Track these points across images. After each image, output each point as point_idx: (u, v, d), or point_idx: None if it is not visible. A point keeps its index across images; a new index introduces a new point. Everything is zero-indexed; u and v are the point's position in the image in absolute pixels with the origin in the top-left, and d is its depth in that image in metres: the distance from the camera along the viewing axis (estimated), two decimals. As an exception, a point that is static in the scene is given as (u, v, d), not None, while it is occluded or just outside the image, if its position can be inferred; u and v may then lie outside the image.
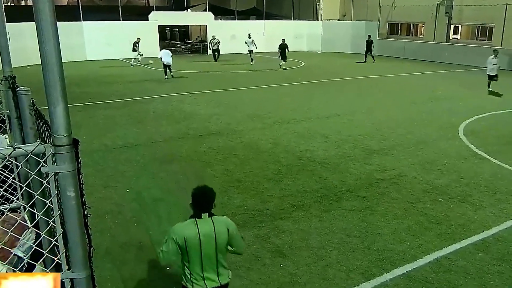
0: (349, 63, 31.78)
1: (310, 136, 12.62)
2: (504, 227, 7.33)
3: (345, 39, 39.15)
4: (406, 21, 39.52)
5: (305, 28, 40.20)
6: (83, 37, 31.59)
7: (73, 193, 1.95)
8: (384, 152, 11.25)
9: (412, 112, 15.94)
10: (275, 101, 17.53)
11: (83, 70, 26.21)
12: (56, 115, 1.88)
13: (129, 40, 32.34)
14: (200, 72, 26.08)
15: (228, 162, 10.37)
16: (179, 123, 14.04)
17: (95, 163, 10.18)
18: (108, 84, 21.44)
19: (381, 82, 23.17)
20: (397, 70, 28.01)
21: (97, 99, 17.62)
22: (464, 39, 35.50)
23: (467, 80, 24.11)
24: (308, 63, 30.69)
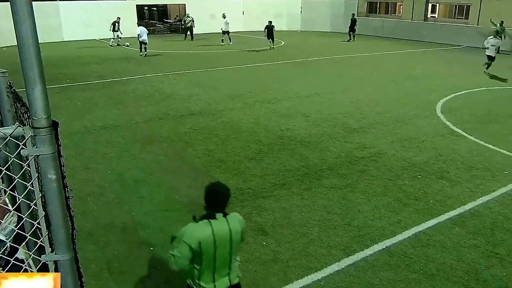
0: (328, 42, 31.75)
1: (290, 115, 12.64)
2: (480, 202, 7.50)
3: (325, 18, 39.05)
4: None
5: (285, 7, 39.91)
6: (60, 17, 30.89)
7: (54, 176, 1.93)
8: (363, 130, 11.34)
9: (391, 90, 16.06)
10: (255, 81, 17.47)
11: (60, 51, 25.71)
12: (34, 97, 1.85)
13: (106, 20, 31.77)
14: (180, 52, 25.79)
15: (209, 142, 10.35)
16: (159, 103, 13.91)
17: (75, 145, 10.07)
18: (86, 65, 21.08)
19: (360, 61, 23.23)
20: (375, 48, 28.07)
21: (75, 81, 17.32)
22: (442, 17, 35.73)
23: (445, 58, 24.33)
24: (288, 42, 30.56)
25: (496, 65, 19.53)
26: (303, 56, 24.05)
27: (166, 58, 23.58)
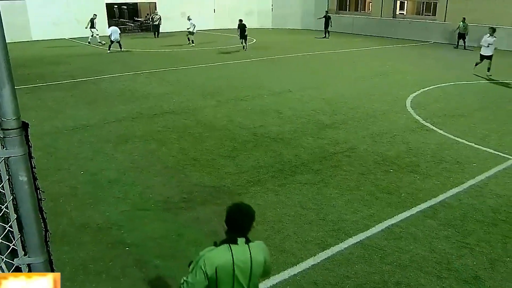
0: (300, 39, 31.90)
1: (263, 112, 12.66)
2: (450, 194, 7.66)
3: (296, 15, 39.21)
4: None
5: (256, 4, 39.87)
6: (28, 16, 30.09)
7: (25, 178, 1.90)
8: (335, 126, 11.45)
9: (362, 86, 16.24)
10: (228, 79, 17.44)
11: (29, 51, 25.15)
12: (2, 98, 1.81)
13: (76, 19, 31.27)
14: (151, 51, 25.54)
15: (183, 141, 10.29)
16: (132, 102, 13.75)
17: (46, 146, 9.87)
18: (56, 65, 20.66)
19: (332, 58, 23.42)
20: (346, 45, 28.34)
21: (45, 81, 16.96)
22: (410, 14, 36.30)
23: (413, 54, 24.73)
24: (259, 40, 30.58)
25: (463, 60, 19.96)
26: (275, 54, 24.10)
27: (137, 57, 23.32)
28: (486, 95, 15.17)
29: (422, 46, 28.66)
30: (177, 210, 7.06)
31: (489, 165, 8.95)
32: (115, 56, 23.37)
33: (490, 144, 10.19)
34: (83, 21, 31.26)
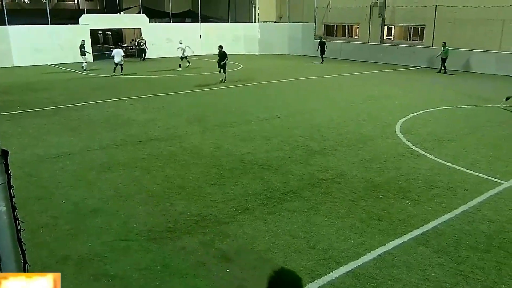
0: (287, 65, 32.25)
1: (251, 138, 12.68)
2: (442, 220, 7.67)
3: (282, 41, 39.74)
4: (342, 22, 40.60)
5: (242, 30, 40.39)
6: (9, 42, 30.11)
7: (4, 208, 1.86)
8: (325, 152, 11.49)
9: (351, 112, 16.38)
10: (214, 105, 17.49)
11: (10, 77, 25.08)
12: (-18, 124, 1.79)
13: (59, 45, 31.33)
14: (135, 77, 25.61)
15: (168, 168, 10.23)
16: (116, 129, 13.70)
17: (27, 174, 9.75)
18: (38, 91, 20.59)
19: (320, 83, 23.66)
20: (334, 71, 28.70)
21: (26, 107, 16.87)
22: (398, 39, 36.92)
23: (401, 79, 25.10)
24: (246, 66, 30.86)
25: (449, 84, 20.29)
26: (262, 79, 24.30)
27: (122, 83, 23.34)
28: (475, 119, 15.38)
29: (410, 71, 29.13)
30: (162, 240, 6.97)
31: (481, 190, 9.00)
32: (98, 82, 23.38)
33: (481, 168, 10.28)
34: (67, 47, 31.41)
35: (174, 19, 39.06)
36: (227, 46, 34.97)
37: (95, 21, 34.49)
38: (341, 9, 38.57)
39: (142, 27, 35.84)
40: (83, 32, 32.50)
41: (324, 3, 39.85)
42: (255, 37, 40.43)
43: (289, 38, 39.53)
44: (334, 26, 41.48)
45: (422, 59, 31.00)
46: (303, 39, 38.81)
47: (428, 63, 30.26)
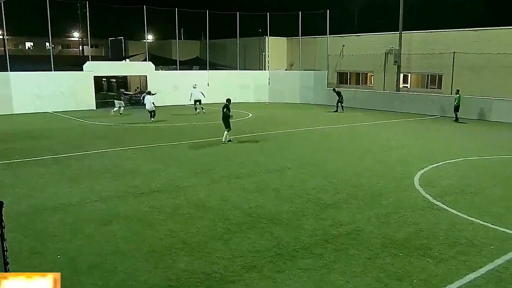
0: (299, 114, 32.53)
1: (260, 191, 12.64)
2: (467, 280, 7.49)
3: (294, 89, 40.24)
4: (355, 70, 41.30)
5: (251, 78, 41.06)
6: (10, 88, 30.81)
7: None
8: (338, 205, 11.39)
9: (366, 162, 16.35)
10: (221, 155, 17.56)
11: (9, 125, 25.48)
12: (-23, 172, 1.80)
13: (61, 92, 32.00)
14: (139, 126, 25.89)
15: (172, 222, 10.17)
16: (117, 180, 13.74)
17: (21, 227, 9.72)
18: (37, 139, 20.85)
19: (332, 133, 23.78)
20: (348, 120, 28.87)
21: (24, 156, 17.04)
22: (414, 87, 37.33)
23: (419, 129, 25.16)
24: (255, 115, 31.16)
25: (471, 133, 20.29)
26: (271, 129, 24.47)
27: (125, 131, 23.62)
28: (500, 170, 15.28)
29: (428, 120, 29.24)
30: (163, 299, 6.84)
31: (508, 247, 8.82)
32: (101, 130, 23.67)
33: (509, 223, 10.11)
34: (69, 95, 32.08)
35: (181, 67, 39.90)
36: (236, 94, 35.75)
37: (100, 68, 35.31)
38: (355, 56, 39.29)
39: (148, 75, 36.58)
40: (87, 79, 33.25)
41: (337, 51, 40.65)
42: (265, 85, 41.02)
43: (300, 86, 40.07)
44: (347, 74, 42.16)
45: (440, 108, 31.15)
46: (315, 87, 39.32)
47: (446, 112, 30.35)
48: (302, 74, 40.75)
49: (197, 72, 40.89)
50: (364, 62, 38.99)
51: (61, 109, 31.62)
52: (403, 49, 35.85)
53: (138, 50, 45.38)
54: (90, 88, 33.67)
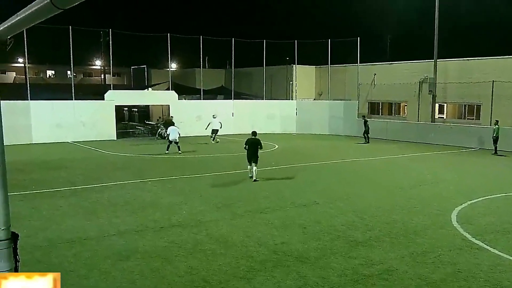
0: (327, 145, 32.48)
1: (285, 227, 12.56)
2: (509, 328, 7.26)
3: (322, 120, 40.26)
4: (387, 100, 41.14)
5: (278, 108, 41.25)
6: (30, 117, 31.55)
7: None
8: (369, 243, 11.24)
9: (399, 198, 16.16)
10: (246, 189, 17.56)
11: (27, 154, 25.98)
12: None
13: (81, 121, 32.66)
14: (161, 157, 26.13)
15: (192, 258, 10.15)
16: (137, 213, 13.83)
17: (36, 261, 9.82)
18: (55, 170, 21.21)
19: (363, 166, 23.61)
20: (379, 152, 28.68)
21: (42, 187, 17.32)
22: (451, 118, 36.95)
23: (457, 162, 24.83)
24: (282, 146, 31.22)
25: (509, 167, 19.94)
26: (298, 161, 24.44)
27: (145, 163, 23.87)
28: (545, 210, 14.92)
29: (466, 152, 28.86)
30: None
31: (555, 293, 8.55)
32: (121, 161, 23.97)
33: (554, 267, 9.82)
34: (89, 124, 32.73)
35: (205, 96, 40.35)
36: (261, 124, 36.10)
37: (121, 97, 36.02)
38: (387, 85, 39.20)
39: (171, 104, 37.08)
40: (108, 108, 33.88)
41: (368, 80, 40.65)
42: (292, 115, 41.16)
43: (329, 116, 40.08)
44: (379, 104, 42.03)
45: (478, 140, 30.72)
46: (345, 118, 39.30)
47: (485, 144, 29.85)
48: (332, 104, 40.80)
49: (222, 102, 41.28)
50: (397, 92, 38.84)
51: (81, 139, 32.19)
52: (439, 78, 35.68)
53: (161, 78, 46.13)
54: (111, 117, 34.25)
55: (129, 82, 60.90)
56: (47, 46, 55.76)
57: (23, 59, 47.21)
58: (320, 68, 45.99)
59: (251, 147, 19.25)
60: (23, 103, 31.39)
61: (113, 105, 34.49)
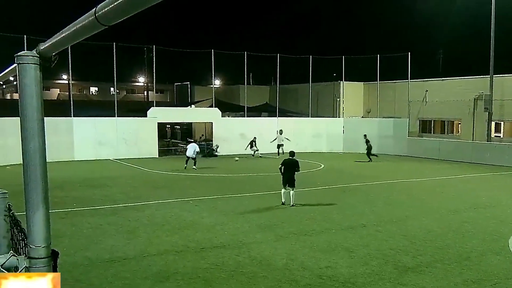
0: (375, 165, 32.10)
1: (331, 250, 12.45)
2: None
3: (371, 139, 39.71)
4: (440, 117, 40.43)
5: (324, 126, 41.10)
6: (72, 134, 32.39)
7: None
8: (420, 269, 11.01)
9: (452, 221, 15.80)
10: (289, 209, 17.50)
11: (69, 172, 26.64)
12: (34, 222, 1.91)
13: (123, 139, 33.38)
14: (203, 175, 26.38)
15: (233, 281, 10.16)
16: (177, 233, 13.96)
17: (75, 280, 10.02)
18: (96, 188, 21.68)
19: (413, 187, 23.21)
20: (431, 173, 28.19)
21: (83, 205, 17.72)
22: (508, 137, 35.98)
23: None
24: (328, 165, 31.04)
25: None
26: (345, 181, 24.24)
27: (187, 182, 24.11)
28: None
29: (526, 175, 28.01)
30: None
31: None
32: (163, 179, 24.30)
33: None
34: (132, 141, 33.41)
35: (248, 113, 40.59)
36: (306, 143, 36.15)
37: (164, 114, 36.62)
38: (440, 103, 38.56)
39: (214, 121, 37.48)
40: (150, 125, 34.52)
41: (419, 97, 40.09)
42: (339, 133, 40.91)
43: (378, 135, 39.60)
44: (431, 122, 41.34)
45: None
46: (395, 137, 38.79)
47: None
48: (380, 121, 40.40)
49: (266, 119, 41.45)
50: (450, 109, 38.15)
51: (122, 156, 32.83)
52: (495, 95, 34.83)
53: (204, 95, 46.71)
54: (153, 135, 34.84)
55: (172, 99, 61.90)
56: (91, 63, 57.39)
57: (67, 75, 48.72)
58: (368, 84, 45.69)
59: (288, 170, 18.38)
60: (66, 120, 32.28)
61: (156, 122, 35.10)
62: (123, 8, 1.73)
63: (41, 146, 1.91)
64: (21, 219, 2.40)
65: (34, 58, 1.93)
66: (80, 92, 79.52)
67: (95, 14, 1.86)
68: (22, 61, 1.92)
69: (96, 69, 62.06)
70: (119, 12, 1.77)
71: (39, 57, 1.95)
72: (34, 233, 1.91)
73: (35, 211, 1.90)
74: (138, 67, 66.07)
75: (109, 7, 1.76)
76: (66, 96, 51.71)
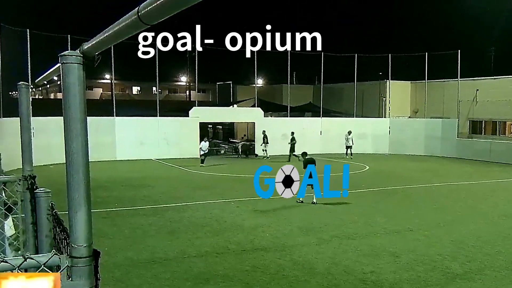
0: (424, 167, 31.57)
1: (376, 254, 12.31)
2: None
3: (418, 140, 39.24)
4: (491, 118, 39.48)
5: (370, 126, 40.69)
6: (114, 134, 32.99)
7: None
8: (469, 276, 10.79)
9: (503, 227, 15.44)
10: (333, 212, 17.41)
11: (111, 171, 27.14)
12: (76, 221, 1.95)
13: (164, 139, 33.80)
14: (243, 176, 26.42)
15: (275, 284, 10.16)
16: (218, 235, 14.05)
17: (116, 280, 10.20)
18: (137, 188, 22.02)
19: (463, 190, 22.74)
20: (481, 175, 27.59)
21: (124, 205, 18.03)
22: None
23: None
24: (373, 167, 30.70)
25: None
26: (391, 184, 23.95)
27: (229, 183, 24.25)
28: None
29: None
30: None
31: None
32: (204, 180, 24.49)
33: None
34: (173, 141, 33.79)
35: (292, 113, 40.48)
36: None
37: (206, 114, 36.89)
38: (491, 102, 37.65)
39: (256, 121, 37.54)
40: (192, 125, 34.84)
41: (469, 96, 39.22)
42: (384, 134, 40.45)
43: (425, 136, 39.02)
44: (482, 122, 40.41)
45: None
46: (443, 138, 38.08)
47: None
48: (428, 122, 39.74)
49: (309, 119, 41.27)
50: (502, 109, 37.18)
51: (164, 156, 33.24)
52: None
53: (247, 95, 46.78)
54: (195, 135, 35.11)
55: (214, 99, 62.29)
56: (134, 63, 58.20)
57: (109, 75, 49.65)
58: (415, 83, 44.98)
59: None
60: (109, 119, 32.90)
61: (197, 122, 35.39)
62: (166, 7, 1.75)
63: (83, 145, 1.95)
64: (64, 218, 2.46)
65: (77, 57, 1.97)
66: (123, 92, 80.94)
67: (138, 13, 1.89)
68: (66, 61, 1.96)
69: (139, 68, 62.98)
70: (162, 11, 1.79)
71: (82, 56, 1.98)
72: (76, 232, 1.95)
73: (77, 210, 1.94)
74: (181, 66, 66.78)
75: (151, 6, 1.79)
76: (108, 95, 52.69)
